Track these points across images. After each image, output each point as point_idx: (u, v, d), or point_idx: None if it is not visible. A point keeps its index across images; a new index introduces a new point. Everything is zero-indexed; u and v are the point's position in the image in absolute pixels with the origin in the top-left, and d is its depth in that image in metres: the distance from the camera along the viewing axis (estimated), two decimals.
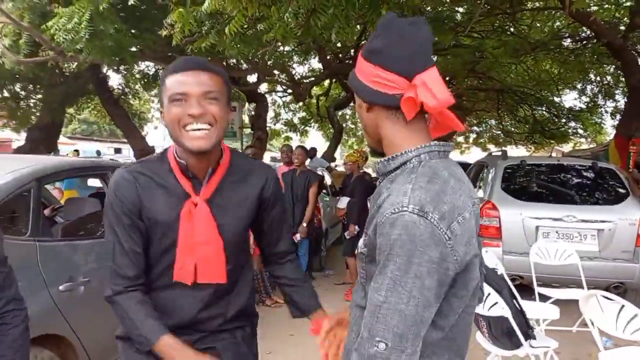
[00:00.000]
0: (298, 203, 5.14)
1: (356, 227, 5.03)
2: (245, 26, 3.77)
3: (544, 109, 13.49)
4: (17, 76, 7.23)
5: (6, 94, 10.13)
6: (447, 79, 12.91)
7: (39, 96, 11.39)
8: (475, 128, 21.28)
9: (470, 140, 24.37)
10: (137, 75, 12.56)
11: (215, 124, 1.26)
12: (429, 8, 4.25)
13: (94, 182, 3.78)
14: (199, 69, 1.25)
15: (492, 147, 18.88)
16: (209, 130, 1.25)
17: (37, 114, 11.65)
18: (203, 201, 1.32)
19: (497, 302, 2.58)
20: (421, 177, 0.94)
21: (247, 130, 14.79)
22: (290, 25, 3.50)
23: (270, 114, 17.43)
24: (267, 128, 14.24)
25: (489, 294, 2.59)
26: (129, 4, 3.96)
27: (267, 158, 13.44)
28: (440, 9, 4.22)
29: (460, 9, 9.58)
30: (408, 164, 1.00)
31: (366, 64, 1.02)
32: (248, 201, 1.41)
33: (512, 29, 9.60)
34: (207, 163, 1.33)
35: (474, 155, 20.86)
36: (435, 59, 12.30)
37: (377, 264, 0.93)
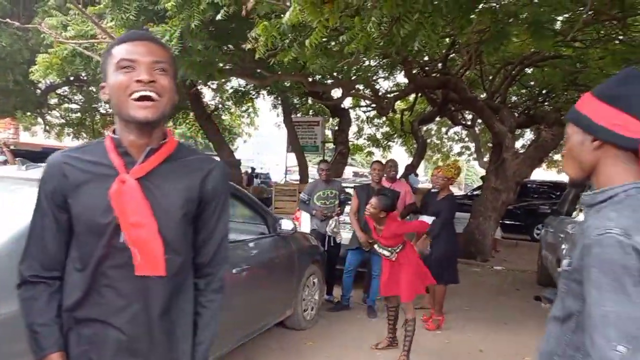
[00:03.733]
0: None
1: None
2: (327, 38, 3.70)
3: None
4: None
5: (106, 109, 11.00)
6: (544, 91, 12.02)
7: None
8: None
9: None
10: (230, 91, 13.17)
11: (163, 96, 1.20)
12: (525, 15, 3.90)
13: None
14: (148, 39, 1.24)
15: None
16: (157, 101, 1.19)
17: None
18: (133, 179, 1.20)
19: None
20: (627, 207, 1.08)
21: (330, 145, 14.89)
22: (373, 36, 3.36)
23: (354, 128, 17.42)
24: (350, 143, 14.21)
25: None
26: (217, 18, 4.05)
27: (349, 172, 13.35)
28: (534, 10, 3.84)
29: (560, 17, 8.89)
30: (615, 197, 1.12)
31: (602, 105, 1.14)
32: (187, 192, 1.27)
33: (620, 37, 8.68)
34: (147, 140, 1.23)
35: None
36: (530, 70, 11.60)
37: (585, 281, 1.07)
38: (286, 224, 4.02)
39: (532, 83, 12.35)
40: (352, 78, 8.75)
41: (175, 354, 1.30)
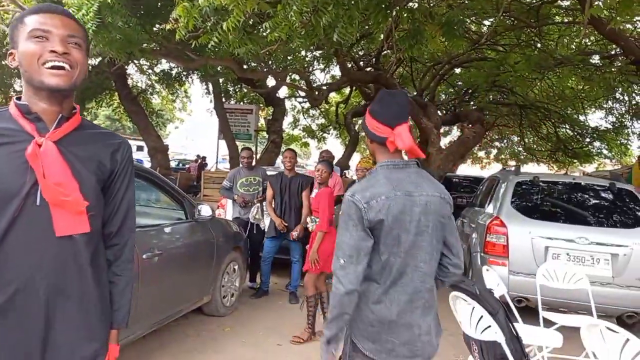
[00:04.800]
0: (291, 210, 4.97)
1: None
2: (250, 22, 3.67)
3: (567, 127, 13.08)
4: None
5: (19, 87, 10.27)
6: (470, 91, 12.66)
7: None
8: (496, 144, 20.86)
9: (492, 155, 23.92)
10: (159, 74, 12.68)
11: (76, 68, 1.24)
12: (440, 15, 4.08)
13: None
14: (63, 13, 1.26)
15: (513, 164, 18.43)
16: (70, 71, 1.23)
17: None
18: (50, 142, 1.23)
19: (490, 326, 2.40)
20: (367, 179, 1.76)
21: (265, 134, 14.78)
22: (295, 25, 3.39)
23: (290, 119, 17.43)
24: (285, 133, 14.20)
25: (482, 317, 2.40)
26: None
27: (279, 162, 13.37)
28: (449, 12, 4.04)
29: (487, 22, 9.39)
30: (372, 171, 1.79)
31: (369, 117, 1.76)
32: (99, 161, 1.33)
33: (538, 44, 9.33)
34: (58, 108, 1.27)
35: (494, 170, 20.40)
36: (458, 70, 12.15)
37: None
38: (205, 210, 3.97)
39: (459, 83, 12.97)
40: (286, 67, 8.74)
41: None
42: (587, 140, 12.75)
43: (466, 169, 24.35)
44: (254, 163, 5.58)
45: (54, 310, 1.24)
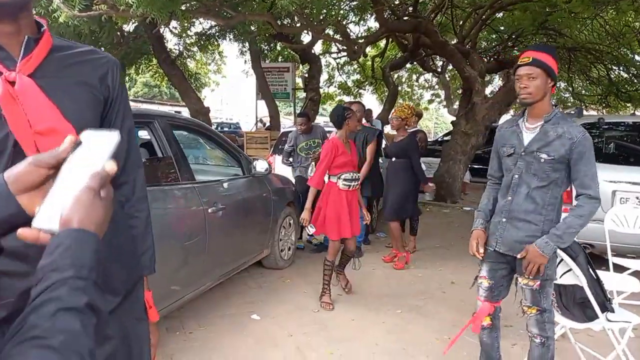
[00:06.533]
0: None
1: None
2: None
3: (621, 68, 12.29)
4: (76, 33, 7.34)
5: None
6: (514, 36, 12.02)
7: None
8: None
9: None
10: (194, 37, 12.60)
11: None
12: None
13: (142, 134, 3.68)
14: None
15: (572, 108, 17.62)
16: None
17: None
18: (25, 77, 0.94)
19: (570, 269, 2.32)
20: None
21: (301, 94, 14.64)
22: None
23: (324, 76, 17.13)
24: (321, 90, 14.00)
25: (561, 260, 2.33)
26: None
27: (320, 121, 13.25)
28: None
29: None
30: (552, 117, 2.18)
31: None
32: (89, 90, 1.05)
33: None
34: (16, 28, 0.95)
35: None
36: (501, 15, 11.51)
37: (578, 159, 2.09)
38: (260, 165, 3.99)
39: (502, 28, 12.31)
40: (323, 20, 8.49)
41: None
42: None
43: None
44: (311, 127, 5.49)
45: None
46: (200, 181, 3.26)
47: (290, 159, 5.47)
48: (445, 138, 13.66)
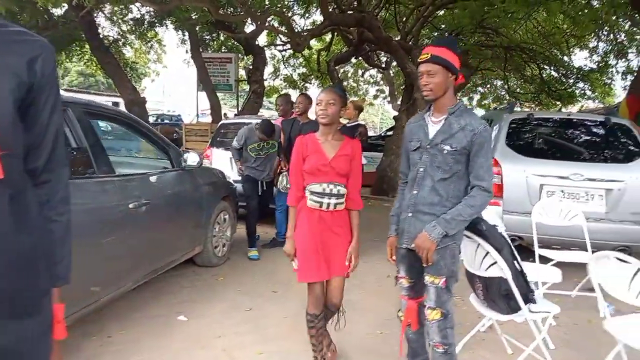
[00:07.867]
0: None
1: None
2: None
3: (552, 68, 12.96)
4: None
5: None
6: (454, 33, 12.33)
7: None
8: (479, 89, 20.70)
9: (474, 101, 23.80)
10: (130, 23, 11.98)
11: None
12: None
13: None
14: None
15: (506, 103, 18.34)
16: None
17: None
18: None
19: (495, 262, 2.34)
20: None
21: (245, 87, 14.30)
22: None
23: (269, 69, 16.87)
24: (265, 83, 13.76)
25: (487, 253, 2.34)
26: None
27: (264, 114, 13.00)
28: None
29: None
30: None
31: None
32: (14, 74, 0.99)
33: None
34: None
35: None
36: (442, 13, 11.77)
37: (478, 150, 2.10)
38: (192, 158, 3.79)
39: (443, 26, 12.61)
40: (265, 10, 8.30)
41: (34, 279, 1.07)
42: (571, 81, 12.69)
43: None
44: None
45: None
46: (121, 174, 3.03)
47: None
48: (389, 133, 13.85)
